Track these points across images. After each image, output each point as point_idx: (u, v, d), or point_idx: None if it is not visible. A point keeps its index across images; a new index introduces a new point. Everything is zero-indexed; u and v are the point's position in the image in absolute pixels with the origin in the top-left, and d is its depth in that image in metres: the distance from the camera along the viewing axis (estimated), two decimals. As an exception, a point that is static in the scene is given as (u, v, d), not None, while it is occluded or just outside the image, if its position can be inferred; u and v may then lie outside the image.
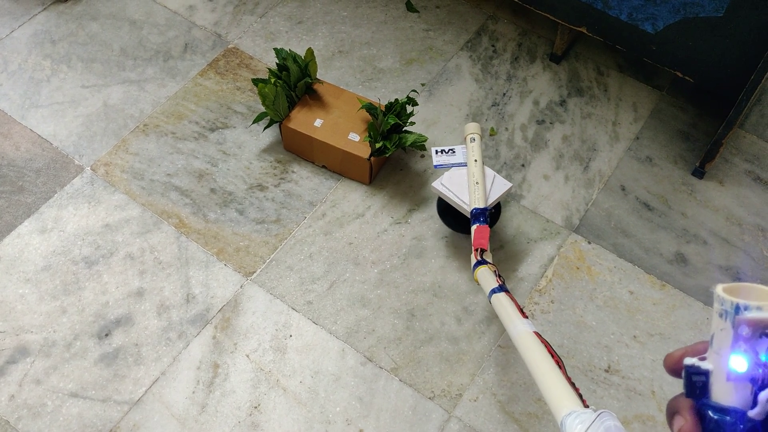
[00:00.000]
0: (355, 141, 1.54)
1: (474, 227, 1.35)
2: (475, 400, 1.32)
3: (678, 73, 1.60)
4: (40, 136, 1.64)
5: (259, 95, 1.54)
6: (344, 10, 1.93)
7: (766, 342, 0.34)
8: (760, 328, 0.34)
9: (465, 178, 1.44)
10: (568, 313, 1.43)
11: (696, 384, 0.36)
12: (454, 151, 1.48)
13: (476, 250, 1.32)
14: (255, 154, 1.64)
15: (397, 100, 1.54)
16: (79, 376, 1.33)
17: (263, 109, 1.64)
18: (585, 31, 1.67)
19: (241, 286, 1.44)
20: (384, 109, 1.54)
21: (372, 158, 1.52)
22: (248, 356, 1.36)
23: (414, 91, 1.62)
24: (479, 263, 1.30)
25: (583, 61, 1.85)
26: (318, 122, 1.57)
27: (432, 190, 1.45)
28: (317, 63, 1.71)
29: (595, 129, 1.71)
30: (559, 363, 0.92)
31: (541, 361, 0.92)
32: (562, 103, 1.76)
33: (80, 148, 1.63)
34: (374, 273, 1.47)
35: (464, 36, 1.89)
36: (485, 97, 1.76)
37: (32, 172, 1.59)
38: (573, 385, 0.86)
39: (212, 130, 1.67)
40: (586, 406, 0.80)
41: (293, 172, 1.62)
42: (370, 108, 1.53)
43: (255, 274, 1.46)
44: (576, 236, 1.54)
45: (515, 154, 1.66)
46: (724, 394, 0.35)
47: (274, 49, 1.59)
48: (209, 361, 1.35)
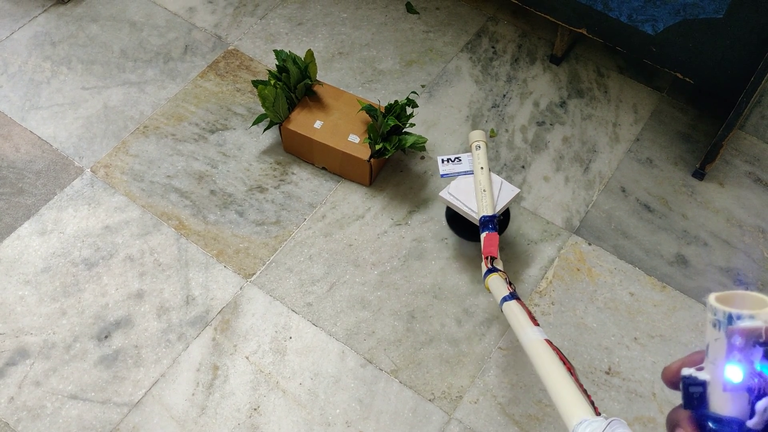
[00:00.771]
0: (355, 142, 1.54)
1: (483, 235, 1.35)
2: (476, 402, 1.32)
3: (678, 75, 1.60)
4: (40, 137, 1.64)
5: (258, 97, 1.54)
6: (344, 11, 1.93)
7: (760, 351, 0.33)
8: (753, 337, 0.34)
9: (472, 186, 1.43)
10: (569, 315, 1.43)
11: (693, 395, 0.36)
12: (460, 160, 1.48)
13: (486, 258, 1.32)
14: (255, 155, 1.64)
15: (396, 101, 1.53)
16: (79, 377, 1.32)
17: (263, 110, 1.64)
18: (585, 33, 1.66)
19: (241, 288, 1.44)
20: (384, 111, 1.54)
21: (372, 160, 1.52)
22: (248, 358, 1.35)
23: (414, 92, 1.62)
24: (490, 271, 1.29)
25: (583, 63, 1.85)
26: (318, 124, 1.57)
27: (440, 199, 1.45)
28: (317, 64, 1.71)
29: (596, 130, 1.71)
30: (571, 370, 0.91)
31: (552, 370, 0.92)
32: (562, 104, 1.76)
33: (80, 149, 1.63)
34: (374, 275, 1.47)
35: (464, 37, 1.89)
36: (485, 99, 1.76)
37: (32, 174, 1.58)
38: (585, 392, 0.85)
39: (212, 131, 1.67)
40: (598, 413, 0.80)
41: (293, 173, 1.61)
42: (370, 109, 1.53)
43: (255, 276, 1.46)
44: (576, 238, 1.54)
45: (515, 155, 1.66)
46: (722, 404, 0.35)
47: (274, 50, 1.59)
48: (209, 363, 1.35)
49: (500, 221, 1.46)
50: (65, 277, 1.44)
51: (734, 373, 0.34)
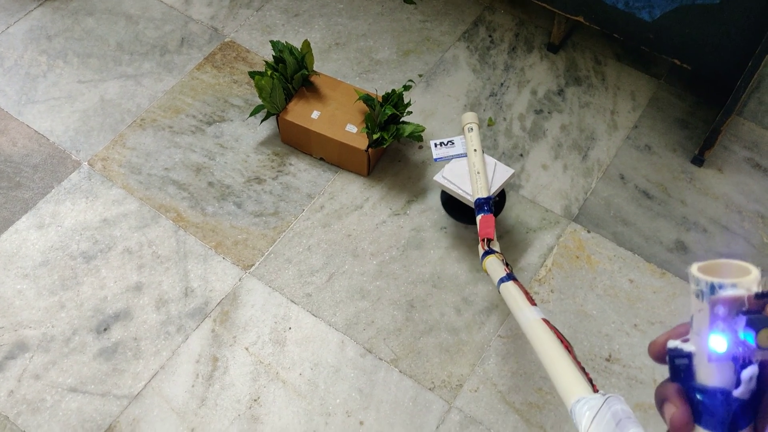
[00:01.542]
0: (353, 132, 1.53)
1: (479, 217, 1.35)
2: (476, 391, 1.32)
3: (676, 61, 1.59)
4: (36, 131, 1.64)
5: (255, 88, 1.53)
6: (341, 2, 1.93)
7: (743, 319, 0.33)
8: (736, 306, 0.33)
9: (466, 169, 1.43)
10: (568, 303, 1.43)
11: (680, 367, 0.36)
12: (453, 143, 1.47)
13: (483, 240, 1.32)
14: (252, 147, 1.63)
15: (394, 90, 1.53)
16: (78, 370, 1.32)
17: (260, 101, 1.64)
18: (582, 21, 1.66)
19: (240, 279, 1.44)
20: (381, 100, 1.53)
21: (370, 149, 1.51)
22: (247, 349, 1.35)
23: (410, 80, 1.62)
24: (487, 253, 1.30)
25: (581, 51, 1.84)
26: (315, 114, 1.56)
27: (434, 183, 1.44)
28: (314, 55, 1.70)
29: (594, 118, 1.71)
30: (569, 348, 0.92)
31: (550, 349, 0.92)
32: (560, 92, 1.75)
33: (77, 143, 1.62)
34: (373, 265, 1.47)
35: (461, 27, 1.88)
36: (483, 88, 1.76)
37: (29, 168, 1.58)
38: (583, 369, 0.86)
39: (209, 123, 1.67)
40: (596, 391, 0.80)
41: (291, 164, 1.61)
42: (367, 99, 1.52)
43: (253, 267, 1.46)
44: (575, 225, 1.54)
45: (513, 144, 1.66)
46: (708, 375, 0.35)
47: (271, 41, 1.59)
48: (208, 355, 1.35)
49: (496, 203, 1.46)
50: (63, 271, 1.44)
51: (718, 343, 0.34)
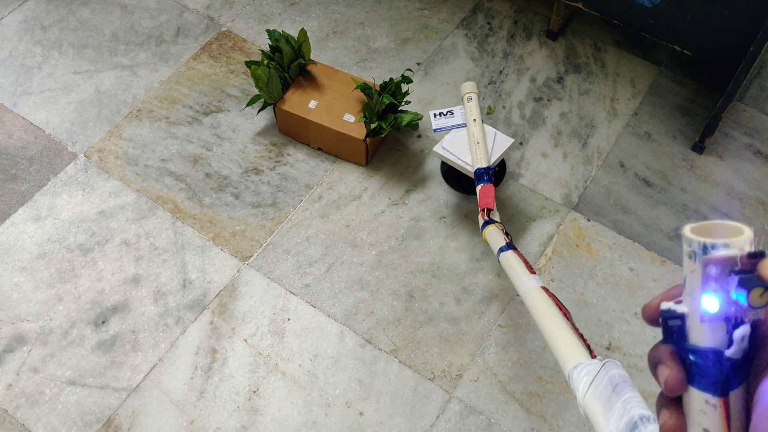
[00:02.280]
0: (351, 122, 1.52)
1: (479, 187, 1.35)
2: (476, 381, 1.31)
3: (676, 47, 1.57)
4: (32, 123, 1.63)
5: (252, 77, 1.52)
6: (337, -10, 1.91)
7: (735, 279, 0.33)
8: (728, 266, 0.33)
9: (466, 139, 1.42)
10: (568, 291, 1.42)
11: (673, 328, 0.36)
12: (452, 113, 1.47)
13: (483, 210, 1.32)
14: (250, 137, 1.62)
15: (391, 79, 1.52)
16: (77, 363, 1.32)
17: (257, 91, 1.62)
18: (581, 7, 1.64)
19: (238, 271, 1.43)
20: (379, 89, 1.52)
21: (368, 139, 1.50)
22: (246, 341, 1.35)
23: (409, 69, 1.60)
24: (487, 223, 1.30)
25: (580, 38, 1.82)
26: (312, 104, 1.55)
27: (434, 154, 1.44)
28: (311, 44, 1.69)
29: (593, 105, 1.69)
30: (567, 315, 0.92)
31: (548, 316, 0.93)
32: (560, 80, 1.74)
33: (73, 134, 1.61)
34: (372, 255, 1.46)
35: (459, 14, 1.87)
36: (482, 76, 1.74)
37: (25, 160, 1.57)
38: (581, 336, 0.86)
39: (206, 114, 1.66)
40: (594, 356, 0.80)
41: (288, 154, 1.60)
42: (365, 88, 1.51)
43: (252, 258, 1.45)
44: (575, 214, 1.53)
45: (513, 132, 1.64)
46: (700, 335, 0.35)
47: (267, 30, 1.57)
48: (207, 347, 1.34)
49: (496, 173, 1.45)
50: (61, 263, 1.43)
51: (710, 303, 0.34)
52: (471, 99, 1.45)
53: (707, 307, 0.34)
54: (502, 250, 1.20)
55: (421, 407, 1.28)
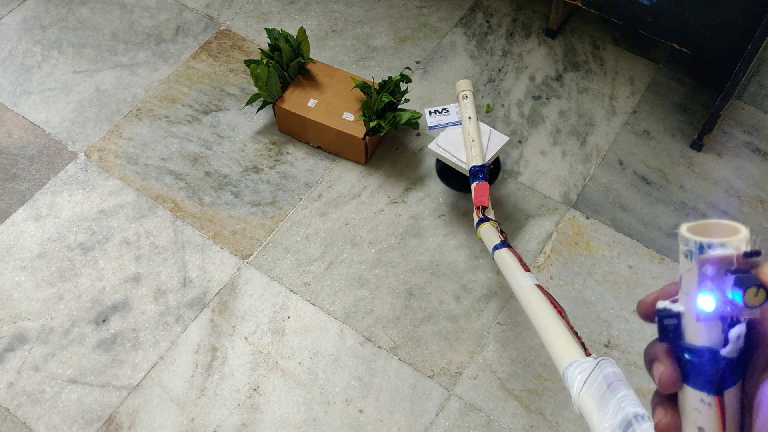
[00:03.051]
0: (350, 120, 1.53)
1: (474, 185, 1.35)
2: (475, 378, 1.32)
3: (674, 45, 1.58)
4: (32, 122, 1.63)
5: (251, 76, 1.52)
6: (336, -12, 1.91)
7: (731, 278, 0.33)
8: (724, 266, 0.33)
9: (461, 137, 1.42)
10: (567, 289, 1.43)
11: (668, 327, 0.36)
12: (447, 111, 1.47)
13: (477, 208, 1.33)
14: (249, 136, 1.63)
15: (390, 77, 1.52)
16: (78, 362, 1.32)
17: (256, 90, 1.63)
18: (580, 5, 1.64)
19: (238, 269, 1.44)
20: (378, 88, 1.52)
21: (367, 137, 1.51)
22: (246, 339, 1.35)
23: (408, 68, 1.61)
24: (482, 221, 1.30)
25: (579, 36, 1.83)
26: (312, 102, 1.55)
27: (428, 152, 1.44)
28: (310, 43, 1.69)
29: (592, 103, 1.70)
30: (562, 313, 0.92)
31: (542, 314, 0.93)
32: (558, 78, 1.74)
33: (73, 134, 1.62)
34: (371, 253, 1.46)
35: (458, 12, 1.87)
36: (481, 74, 1.74)
37: (25, 160, 1.57)
38: (576, 334, 0.86)
39: (206, 113, 1.66)
40: (589, 354, 0.80)
41: (288, 153, 1.60)
42: (364, 86, 1.52)
43: (252, 257, 1.45)
44: (574, 212, 1.53)
45: (512, 130, 1.65)
46: (696, 334, 0.35)
47: (266, 29, 1.57)
48: (207, 345, 1.35)
49: (491, 171, 1.46)
50: (61, 262, 1.44)
51: (706, 302, 0.34)
52: (466, 97, 1.46)
53: (703, 306, 0.34)
54: (496, 248, 1.20)
55: (420, 404, 1.29)
